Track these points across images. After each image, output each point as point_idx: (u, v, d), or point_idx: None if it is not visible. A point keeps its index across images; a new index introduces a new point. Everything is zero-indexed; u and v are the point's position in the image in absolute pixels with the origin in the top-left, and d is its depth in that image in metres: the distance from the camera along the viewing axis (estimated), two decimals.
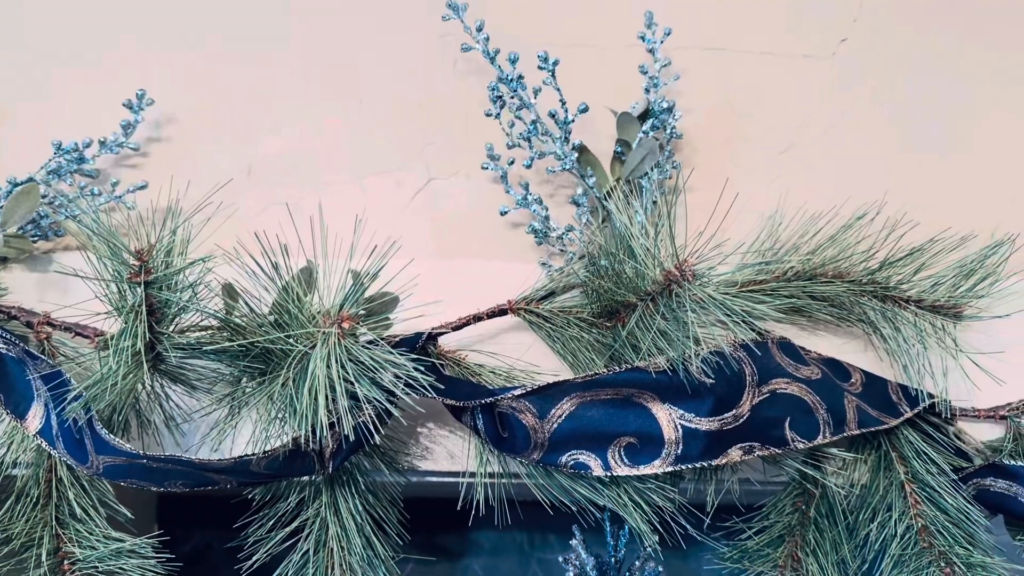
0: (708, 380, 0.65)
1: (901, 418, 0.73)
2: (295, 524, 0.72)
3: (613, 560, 0.72)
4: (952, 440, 0.76)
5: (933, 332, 0.73)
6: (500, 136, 0.82)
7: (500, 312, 0.77)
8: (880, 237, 0.74)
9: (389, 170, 0.87)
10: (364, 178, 0.87)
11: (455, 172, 0.87)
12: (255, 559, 0.71)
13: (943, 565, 0.70)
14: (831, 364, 0.75)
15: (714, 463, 0.65)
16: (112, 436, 0.63)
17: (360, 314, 0.60)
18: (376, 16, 0.90)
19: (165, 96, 0.86)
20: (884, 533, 0.72)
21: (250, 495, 0.73)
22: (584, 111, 0.81)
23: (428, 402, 0.77)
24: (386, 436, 0.76)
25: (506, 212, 0.83)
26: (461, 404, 0.69)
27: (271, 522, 0.72)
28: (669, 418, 0.66)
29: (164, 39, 0.89)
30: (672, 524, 0.69)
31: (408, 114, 0.88)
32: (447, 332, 0.76)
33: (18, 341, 0.70)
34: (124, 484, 0.68)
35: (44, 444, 0.69)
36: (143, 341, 0.60)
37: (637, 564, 0.72)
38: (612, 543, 0.73)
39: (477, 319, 0.77)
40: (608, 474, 0.66)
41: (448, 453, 0.79)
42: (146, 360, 0.62)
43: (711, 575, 0.74)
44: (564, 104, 0.80)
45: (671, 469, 0.65)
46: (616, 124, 0.82)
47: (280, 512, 0.72)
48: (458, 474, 0.77)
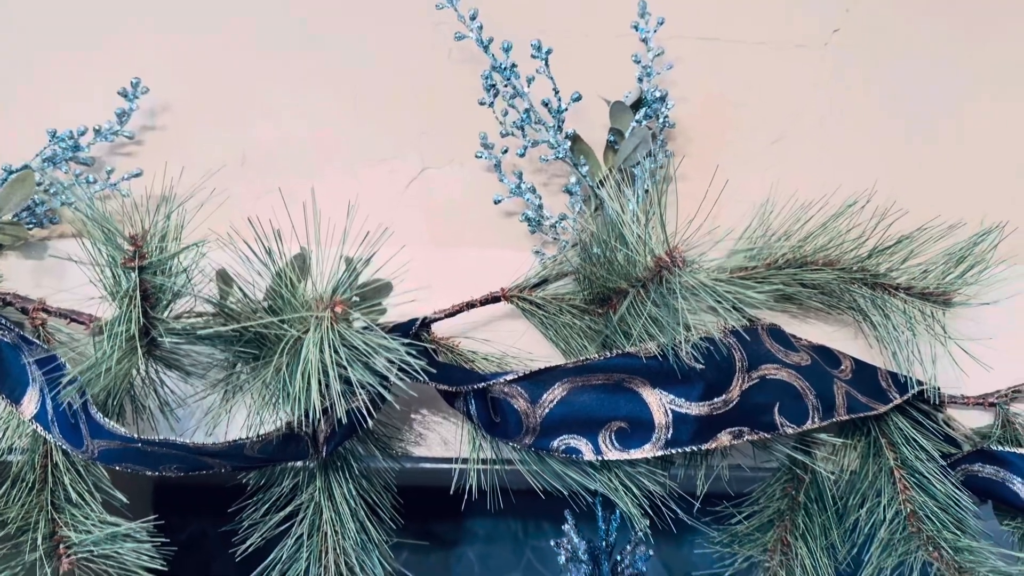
0: (698, 365, 0.65)
1: (890, 404, 0.74)
2: (289, 508, 0.73)
3: (604, 544, 0.73)
4: (941, 427, 0.77)
5: (922, 319, 0.73)
6: (494, 125, 0.83)
7: (493, 299, 0.78)
8: (870, 225, 0.74)
9: (383, 159, 0.87)
10: (358, 167, 0.87)
11: (449, 161, 0.87)
12: (249, 543, 0.72)
13: (931, 549, 0.71)
14: (821, 351, 0.76)
15: (704, 447, 0.66)
16: (107, 420, 0.63)
17: (353, 299, 0.60)
18: (370, 5, 0.90)
19: (160, 84, 0.86)
20: (873, 518, 0.73)
21: (244, 480, 0.73)
22: (577, 100, 0.81)
23: (422, 389, 0.77)
24: (380, 422, 0.77)
25: (499, 201, 0.83)
26: (454, 389, 0.69)
27: (265, 507, 0.72)
28: (659, 403, 0.66)
29: (159, 27, 0.89)
30: (663, 508, 0.69)
31: (402, 103, 0.89)
32: (441, 319, 0.76)
33: (13, 327, 0.71)
34: (119, 468, 0.69)
35: (39, 429, 0.69)
36: (137, 326, 0.60)
37: (628, 548, 0.72)
38: (603, 528, 0.73)
39: (470, 306, 0.77)
40: (599, 458, 0.67)
41: (442, 439, 0.79)
42: (140, 345, 0.62)
43: (701, 559, 0.75)
44: (557, 93, 0.80)
45: (661, 453, 0.66)
46: (609, 113, 0.82)
47: (274, 497, 0.73)
48: (451, 460, 0.77)
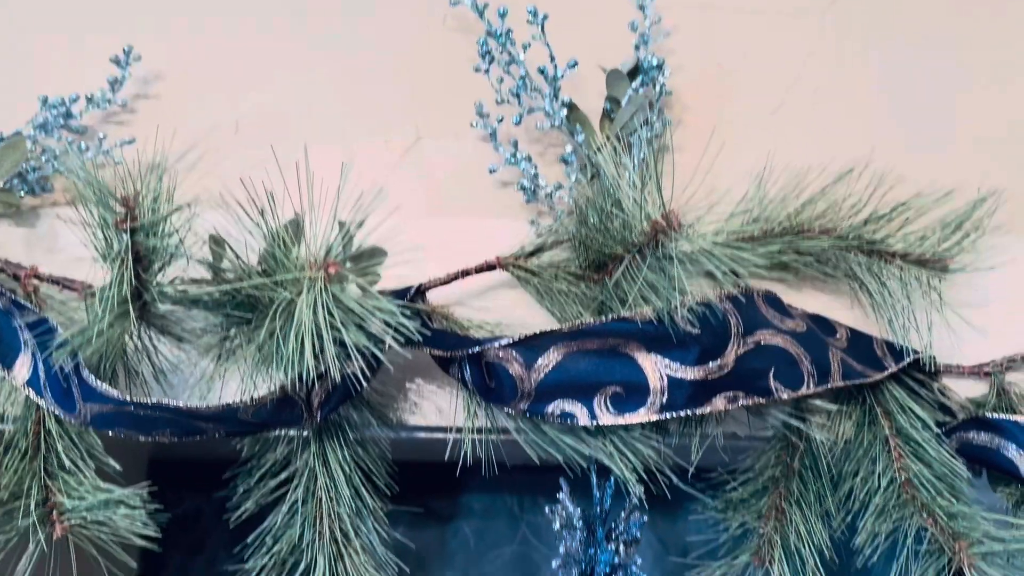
0: (694, 330, 0.65)
1: (885, 372, 0.74)
2: (284, 475, 0.73)
3: (599, 511, 0.72)
4: (936, 396, 0.76)
5: (919, 286, 0.73)
6: (490, 94, 0.82)
7: (489, 267, 0.77)
8: (866, 193, 0.74)
9: (378, 129, 0.87)
10: (353, 137, 0.87)
11: (444, 131, 0.87)
12: (243, 509, 0.72)
13: (925, 516, 0.71)
14: (817, 320, 0.76)
15: (698, 412, 0.66)
16: (99, 382, 0.63)
17: (347, 262, 0.60)
18: None
19: (153, 53, 0.86)
20: (868, 486, 0.73)
21: (238, 446, 0.73)
22: (573, 67, 0.80)
23: (417, 357, 0.77)
24: (375, 390, 0.76)
25: (495, 170, 0.83)
26: (448, 355, 0.69)
27: (260, 472, 0.72)
28: (655, 367, 0.66)
29: None
30: (657, 475, 0.69)
31: (397, 72, 0.88)
32: (436, 287, 0.76)
33: (4, 291, 0.70)
34: (112, 434, 0.68)
35: (32, 394, 0.69)
36: (129, 288, 0.60)
37: (623, 515, 0.72)
38: (598, 495, 0.73)
39: (465, 274, 0.77)
40: (594, 423, 0.67)
41: (436, 408, 0.79)
42: (133, 308, 0.62)
43: (695, 526, 0.75)
44: (553, 60, 0.80)
45: (656, 418, 0.66)
46: (605, 81, 0.82)
47: (269, 463, 0.73)
48: (446, 430, 0.77)
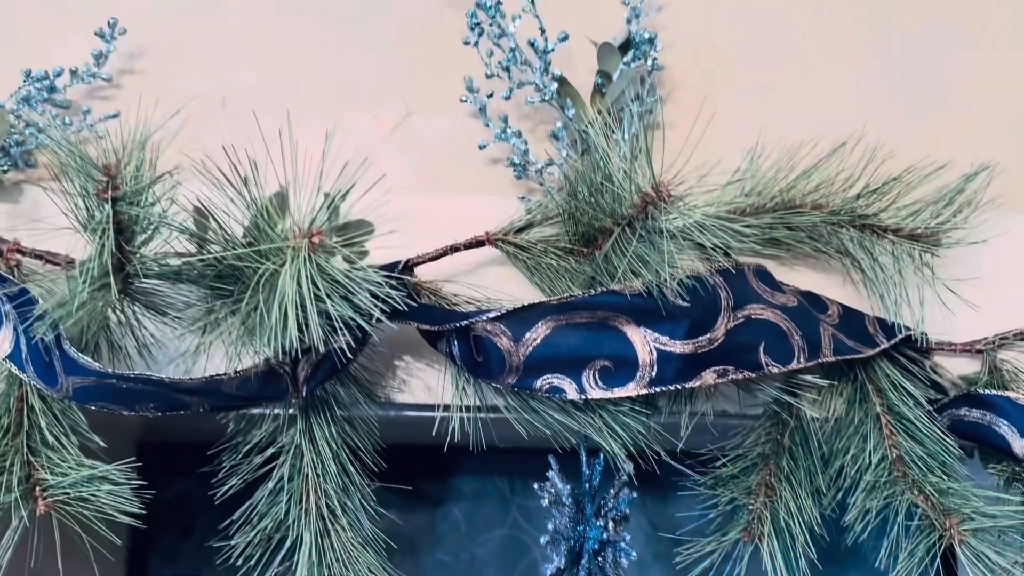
0: (683, 303, 0.64)
1: (877, 348, 0.73)
2: (270, 452, 0.72)
3: (588, 487, 0.72)
4: (928, 373, 0.76)
5: (911, 262, 0.72)
6: (480, 68, 0.81)
7: (478, 243, 0.77)
8: (859, 167, 0.73)
9: (367, 103, 0.86)
10: (340, 112, 0.85)
11: (433, 106, 0.86)
12: (229, 486, 0.71)
13: (916, 493, 0.70)
14: (809, 296, 0.75)
15: (688, 385, 0.65)
16: (80, 354, 0.62)
17: (333, 234, 0.59)
18: None
19: (138, 27, 0.84)
20: (859, 463, 0.72)
21: (224, 422, 0.72)
22: (564, 40, 0.79)
23: (405, 334, 0.76)
24: (363, 367, 0.76)
25: (484, 146, 0.82)
26: (436, 329, 0.68)
27: (246, 448, 0.72)
28: (644, 341, 0.65)
29: None
30: (647, 453, 0.69)
31: (385, 46, 0.87)
32: (424, 262, 0.75)
33: None
34: (95, 408, 0.68)
35: (13, 368, 0.68)
36: (110, 258, 0.59)
37: (612, 492, 0.72)
38: (587, 472, 0.72)
39: (454, 250, 0.76)
40: (582, 397, 0.66)
41: (425, 386, 0.78)
42: (114, 279, 0.61)
43: (683, 501, 0.74)
44: (544, 32, 0.79)
45: (645, 392, 0.65)
46: (597, 55, 0.81)
47: (255, 439, 0.72)
48: (435, 408, 0.76)
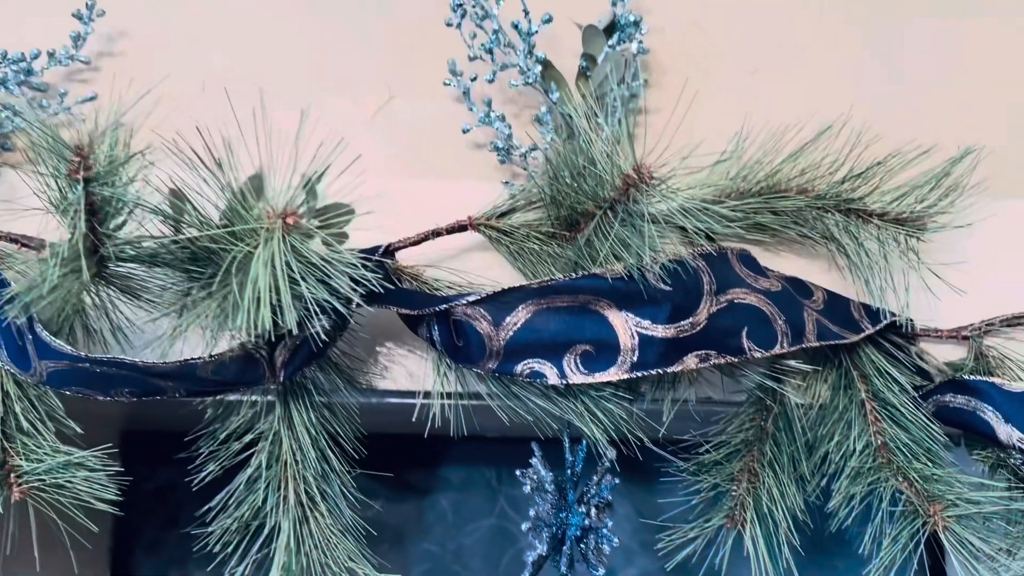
0: (665, 287, 0.64)
1: (862, 334, 0.72)
2: (249, 438, 0.71)
3: (570, 474, 0.71)
4: (914, 359, 0.76)
5: (896, 247, 0.72)
6: (463, 51, 0.80)
7: (460, 228, 0.76)
8: (844, 151, 0.72)
9: (349, 88, 0.85)
10: (322, 96, 0.84)
11: (416, 90, 0.85)
12: (208, 472, 0.70)
13: (900, 479, 0.70)
14: (794, 282, 0.75)
15: (670, 370, 0.64)
16: (53, 338, 0.61)
17: (311, 217, 0.58)
18: None
19: (117, 8, 0.83)
20: (843, 449, 0.72)
21: (200, 407, 0.71)
22: (548, 21, 0.78)
23: (387, 320, 0.76)
24: (343, 352, 0.75)
25: (468, 130, 0.81)
26: (415, 313, 0.68)
27: (224, 434, 0.71)
28: (625, 325, 0.65)
29: None
30: (630, 439, 0.68)
31: (368, 29, 0.86)
32: (405, 247, 0.74)
33: None
34: (71, 393, 0.67)
35: None
36: (82, 239, 0.58)
37: (595, 478, 0.71)
38: (570, 459, 0.72)
39: (436, 234, 0.75)
40: (563, 382, 0.65)
41: (407, 372, 0.78)
42: (87, 262, 0.59)
43: (670, 489, 0.74)
44: (527, 14, 0.78)
45: (627, 376, 0.64)
46: (582, 38, 0.80)
47: (233, 425, 0.71)
48: (417, 395, 0.76)
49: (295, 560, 0.67)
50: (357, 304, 0.65)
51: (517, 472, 0.71)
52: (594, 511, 0.71)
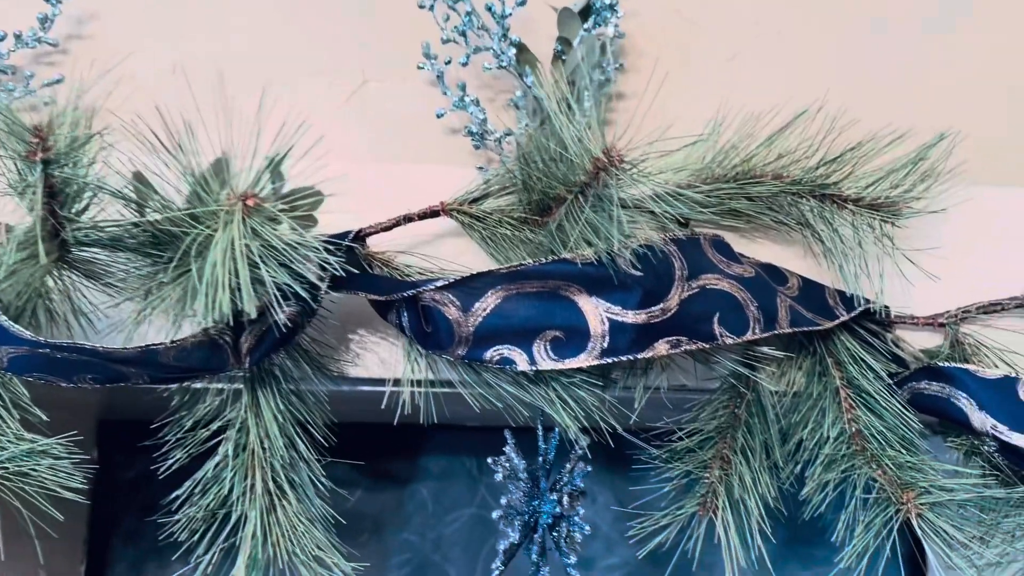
0: (636, 272, 0.63)
1: (836, 321, 0.72)
2: (216, 425, 0.70)
3: (542, 461, 0.71)
4: (889, 347, 0.75)
5: (871, 232, 0.71)
6: (438, 34, 0.79)
7: (432, 213, 0.75)
8: (818, 138, 0.72)
9: (321, 71, 0.84)
10: (295, 79, 0.83)
11: (391, 73, 0.84)
12: (175, 459, 0.69)
13: (874, 467, 0.70)
14: (768, 268, 0.74)
15: (640, 356, 0.64)
16: (12, 323, 0.60)
17: (276, 199, 0.57)
18: None
19: None
20: (817, 436, 0.72)
21: (165, 393, 0.70)
22: (522, 4, 0.77)
23: (359, 307, 0.75)
24: (313, 339, 0.74)
25: (442, 114, 0.80)
26: (384, 299, 0.67)
27: (191, 422, 0.70)
28: (596, 311, 0.64)
29: None
30: (603, 428, 0.67)
31: (342, 11, 0.84)
32: (377, 232, 0.74)
33: None
34: (32, 380, 0.66)
35: None
36: (40, 221, 0.57)
37: (567, 466, 0.71)
38: (543, 446, 0.71)
39: (408, 220, 0.74)
40: (533, 368, 0.65)
41: (379, 359, 0.77)
42: (47, 246, 0.58)
43: (638, 475, 0.73)
44: None
45: (597, 362, 0.64)
46: (557, 21, 0.79)
47: (199, 413, 0.70)
48: (389, 382, 0.75)
49: (262, 550, 0.67)
50: (325, 290, 0.64)
51: (489, 460, 0.71)
52: (566, 499, 0.70)
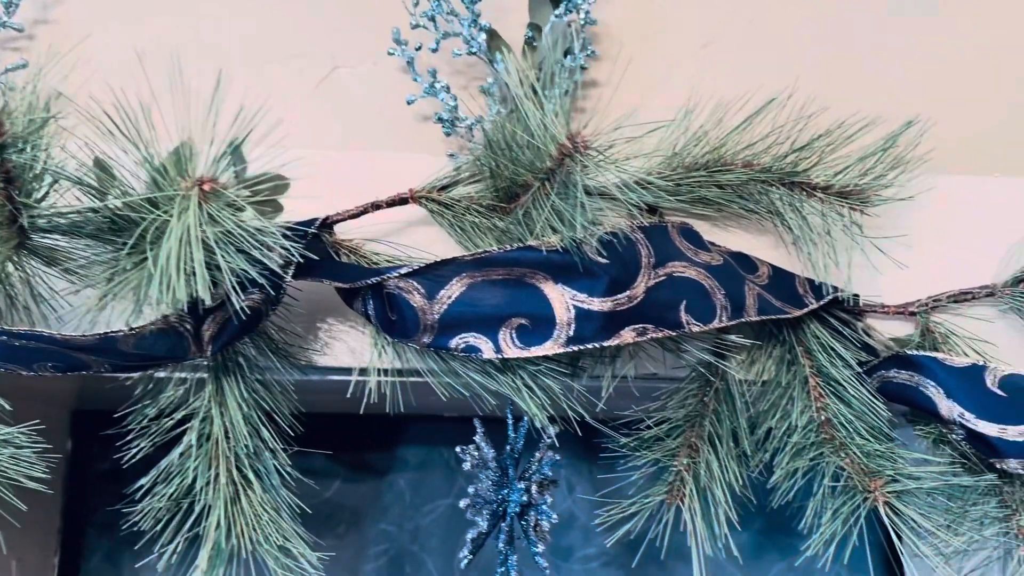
0: (601, 260, 0.63)
1: (805, 309, 0.72)
2: (181, 414, 0.69)
3: (510, 450, 0.70)
4: (860, 336, 0.75)
5: (840, 220, 0.71)
6: (407, 20, 0.78)
7: (401, 201, 0.74)
8: (788, 124, 0.71)
9: (291, 56, 0.83)
10: (264, 65, 0.82)
11: (361, 59, 0.83)
12: (139, 448, 0.69)
13: (842, 455, 0.70)
14: (738, 257, 0.74)
15: (606, 344, 0.63)
16: None
17: (238, 184, 0.57)
18: None
19: None
20: (786, 425, 0.71)
21: (128, 382, 0.70)
22: None
23: (327, 296, 0.74)
24: (278, 327, 0.73)
25: (412, 101, 0.79)
26: (350, 287, 0.66)
27: (155, 411, 0.69)
28: (562, 299, 0.63)
29: None
30: (569, 412, 0.67)
31: None
32: (344, 220, 0.73)
33: None
34: None
35: None
36: None
37: (536, 456, 0.70)
38: (512, 435, 0.71)
39: (376, 207, 0.74)
40: (499, 356, 0.64)
41: (348, 348, 0.76)
42: (3, 231, 0.58)
43: (605, 464, 0.73)
44: None
45: (563, 351, 0.63)
46: (528, 7, 0.78)
47: (164, 402, 0.69)
48: (352, 371, 0.74)
49: (225, 539, 0.66)
50: (288, 278, 0.64)
51: (457, 449, 0.70)
52: (535, 487, 0.70)
